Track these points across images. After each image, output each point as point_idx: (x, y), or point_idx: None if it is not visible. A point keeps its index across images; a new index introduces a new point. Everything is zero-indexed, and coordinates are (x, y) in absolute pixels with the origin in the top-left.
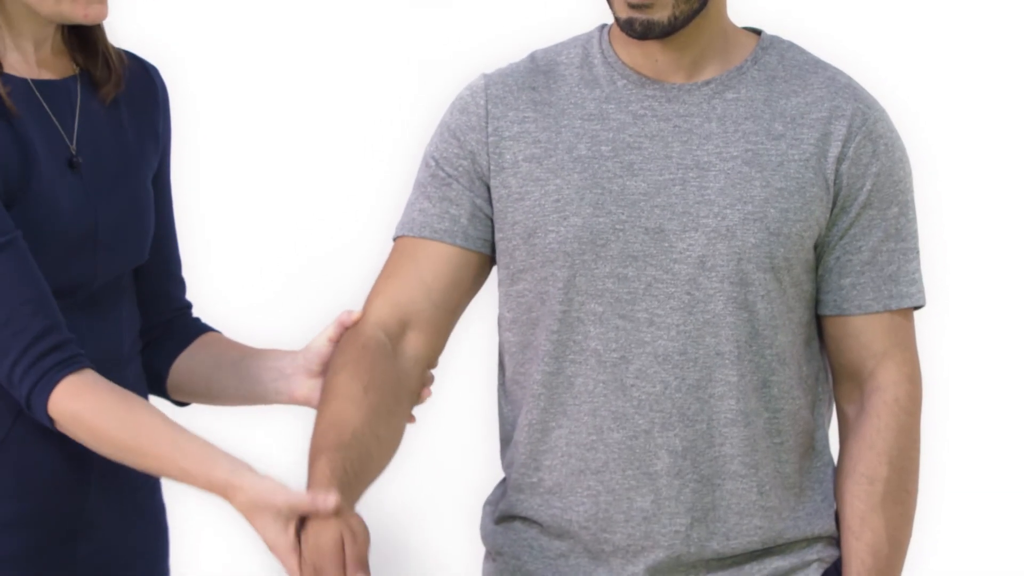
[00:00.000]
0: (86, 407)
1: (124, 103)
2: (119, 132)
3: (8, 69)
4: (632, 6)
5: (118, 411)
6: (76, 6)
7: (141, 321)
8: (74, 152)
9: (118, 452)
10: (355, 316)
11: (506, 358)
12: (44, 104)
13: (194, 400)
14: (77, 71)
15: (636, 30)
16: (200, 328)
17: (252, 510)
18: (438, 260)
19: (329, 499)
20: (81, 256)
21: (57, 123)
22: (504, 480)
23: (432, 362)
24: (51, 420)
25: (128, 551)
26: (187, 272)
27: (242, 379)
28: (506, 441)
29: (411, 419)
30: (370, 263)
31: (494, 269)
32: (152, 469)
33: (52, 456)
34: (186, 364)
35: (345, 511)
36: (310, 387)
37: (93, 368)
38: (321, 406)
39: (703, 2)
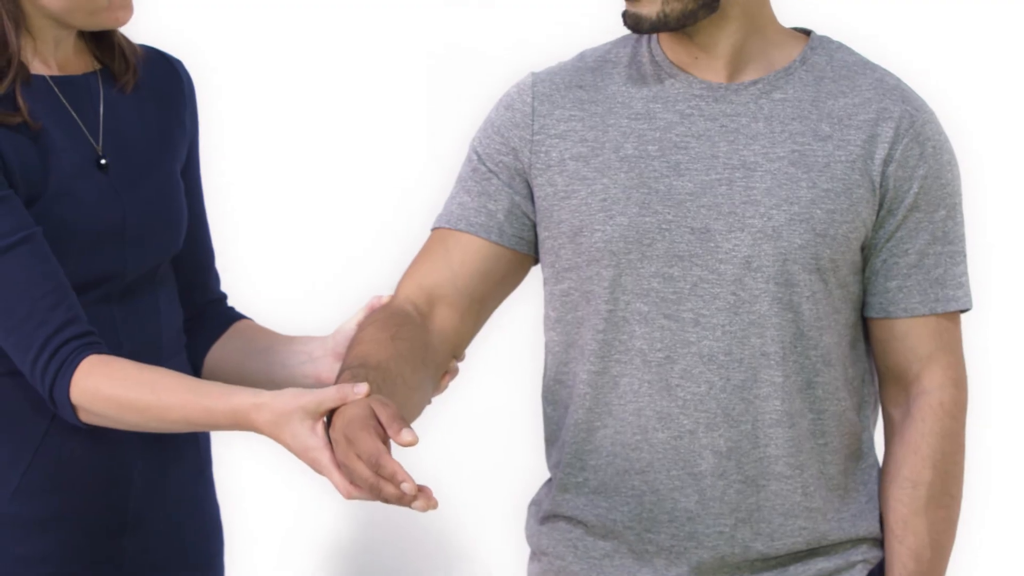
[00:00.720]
0: (102, 379)
1: (148, 95)
2: (144, 125)
3: (30, 69)
4: None
5: (133, 375)
6: (108, 14)
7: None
8: (100, 150)
9: (143, 416)
10: (384, 299)
11: (549, 358)
12: (64, 100)
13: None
14: (98, 67)
15: (627, 23)
16: (232, 317)
17: (278, 423)
18: (468, 251)
19: (359, 387)
20: (109, 250)
21: (79, 119)
22: (549, 480)
23: (458, 349)
24: (74, 410)
25: (179, 549)
26: (220, 266)
27: (271, 364)
28: (551, 441)
29: (440, 388)
30: (402, 257)
31: (536, 268)
32: (179, 422)
33: (92, 453)
34: (218, 353)
35: (374, 394)
36: (336, 369)
37: (107, 351)
38: (345, 354)
39: (704, 2)
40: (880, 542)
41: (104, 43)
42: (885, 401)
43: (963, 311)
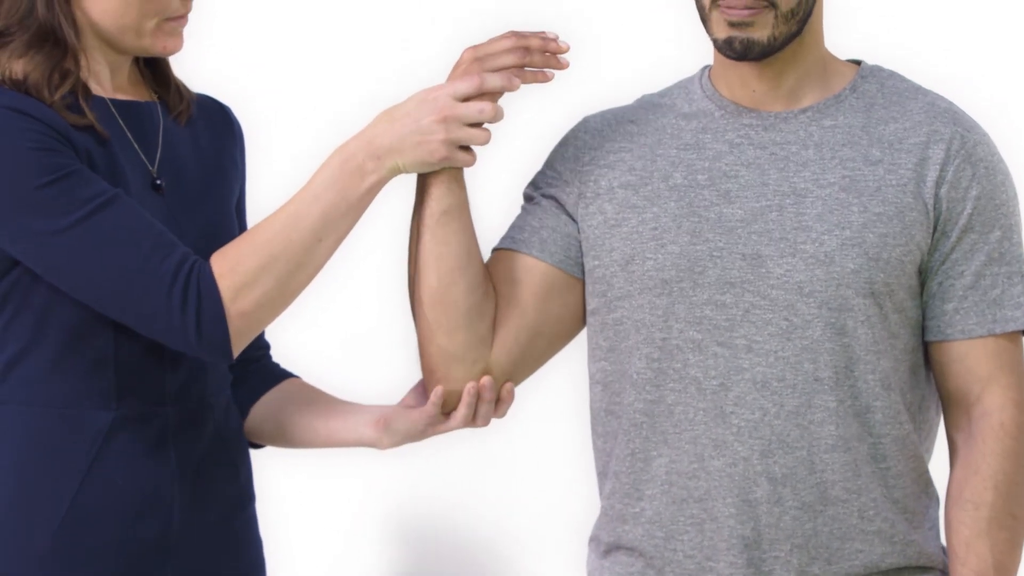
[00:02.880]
0: (232, 252)
1: (203, 131)
2: (200, 156)
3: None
4: (732, 24)
5: (247, 233)
6: (156, 40)
7: None
8: (155, 174)
9: (286, 244)
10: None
11: (598, 388)
12: (122, 124)
13: (269, 443)
14: (156, 98)
15: (736, 49)
16: (280, 374)
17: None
18: (522, 267)
19: None
20: None
21: (136, 144)
22: (604, 513)
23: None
24: (225, 316)
25: None
26: None
27: (328, 417)
28: (603, 474)
29: (499, 414)
30: None
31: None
32: (318, 219)
33: (132, 486)
34: (269, 406)
35: None
36: (394, 409)
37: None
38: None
39: (801, 26)
40: (944, 573)
41: (160, 76)
42: (949, 426)
43: (1022, 331)
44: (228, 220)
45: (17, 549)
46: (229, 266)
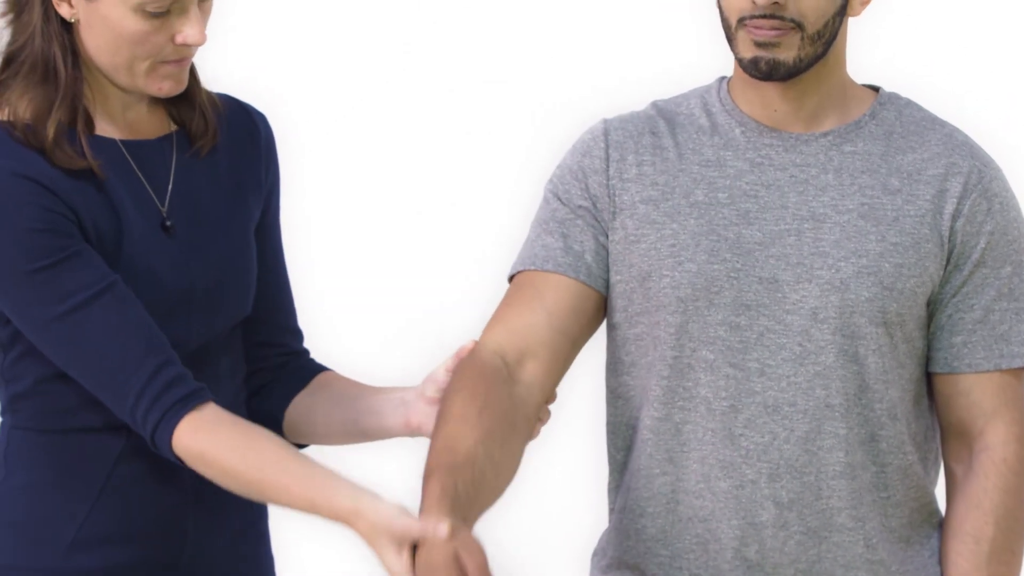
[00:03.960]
0: (209, 445)
1: (223, 153)
2: (216, 187)
3: (98, 131)
4: (758, 45)
5: (241, 447)
6: (150, 81)
7: (251, 365)
8: (165, 215)
9: (245, 488)
10: (472, 344)
11: (621, 403)
12: (133, 165)
13: (310, 441)
14: (174, 129)
15: (762, 69)
16: (314, 369)
17: (373, 535)
18: (560, 290)
19: (440, 527)
20: (176, 319)
21: (147, 185)
22: (609, 529)
23: (549, 393)
24: (177, 458)
25: None
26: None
27: (360, 412)
28: (616, 487)
29: (533, 435)
30: (485, 307)
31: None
32: (280, 502)
33: (146, 506)
34: (303, 405)
35: (459, 531)
36: (425, 414)
37: (214, 399)
38: (435, 429)
39: (826, 48)
40: None
41: (186, 101)
42: (947, 456)
43: None
44: (245, 249)
45: (28, 570)
46: (195, 454)
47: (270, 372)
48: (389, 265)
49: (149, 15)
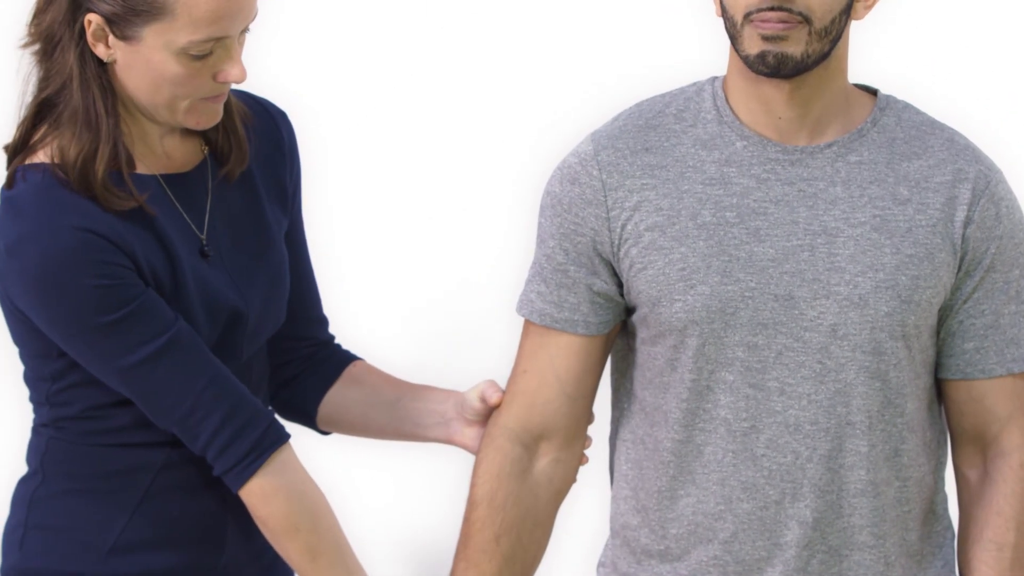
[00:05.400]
0: (272, 516)
1: (254, 163)
2: (254, 205)
3: (138, 169)
4: (766, 38)
5: (301, 529)
6: (189, 116)
7: (280, 358)
8: (204, 241)
9: (286, 559)
10: (494, 401)
11: (637, 418)
12: (172, 197)
13: (345, 432)
14: (206, 152)
15: (769, 64)
16: (344, 359)
17: None
18: (566, 351)
19: None
20: (231, 342)
21: (185, 215)
22: (613, 541)
23: (570, 471)
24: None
25: None
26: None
27: (401, 420)
28: (624, 500)
29: (584, 460)
30: (503, 294)
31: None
32: None
33: (190, 510)
34: (338, 399)
35: None
36: (469, 436)
37: (286, 436)
38: (459, 550)
39: (832, 46)
40: None
41: (219, 127)
42: (960, 462)
43: None
44: (282, 263)
45: (64, 574)
46: (260, 517)
47: (299, 363)
48: (405, 252)
49: (192, 58)
